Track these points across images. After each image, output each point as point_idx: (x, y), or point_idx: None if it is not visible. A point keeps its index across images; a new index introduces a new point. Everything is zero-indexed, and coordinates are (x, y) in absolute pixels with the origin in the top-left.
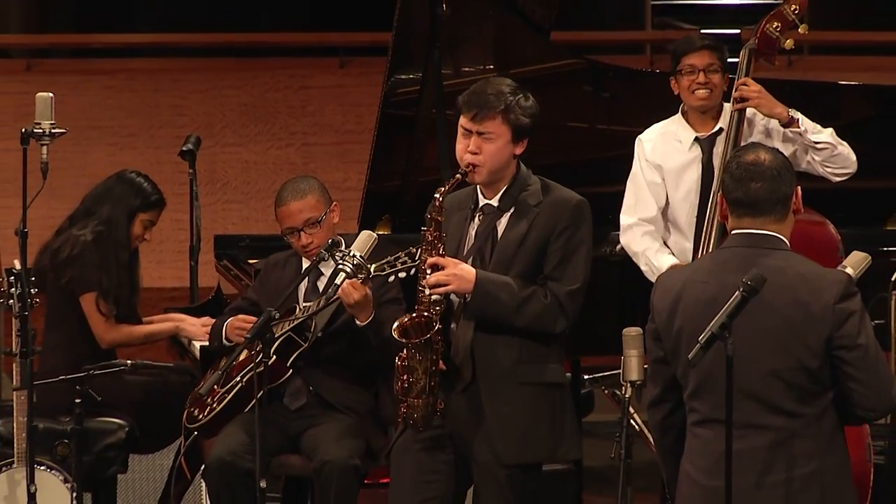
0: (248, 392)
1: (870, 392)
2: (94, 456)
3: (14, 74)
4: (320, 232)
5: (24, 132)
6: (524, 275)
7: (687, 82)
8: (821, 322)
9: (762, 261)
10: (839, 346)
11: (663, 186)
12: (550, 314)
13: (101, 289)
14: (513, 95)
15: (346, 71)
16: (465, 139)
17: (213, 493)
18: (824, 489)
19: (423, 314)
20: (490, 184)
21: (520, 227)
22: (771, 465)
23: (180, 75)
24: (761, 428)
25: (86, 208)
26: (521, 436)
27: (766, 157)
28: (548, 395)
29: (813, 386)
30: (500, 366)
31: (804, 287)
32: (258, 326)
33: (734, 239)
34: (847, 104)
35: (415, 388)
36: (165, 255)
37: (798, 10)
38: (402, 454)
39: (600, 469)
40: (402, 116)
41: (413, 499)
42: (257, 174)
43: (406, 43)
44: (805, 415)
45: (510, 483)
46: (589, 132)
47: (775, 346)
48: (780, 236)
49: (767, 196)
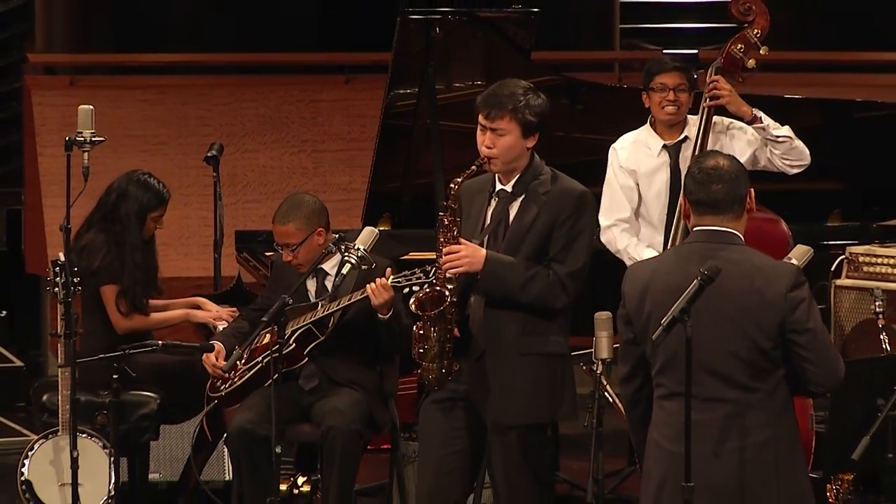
0: (267, 371)
1: (820, 370)
2: (130, 425)
3: (59, 89)
4: (302, 253)
5: (68, 140)
6: (531, 256)
7: (658, 99)
8: (774, 308)
9: (721, 254)
10: (791, 330)
11: (636, 189)
12: (553, 292)
13: (120, 285)
14: (523, 96)
15: (351, 86)
16: (482, 134)
17: (234, 457)
18: (777, 455)
19: (436, 289)
20: (505, 172)
21: (529, 213)
22: (729, 433)
23: (205, 90)
24: (721, 401)
25: (102, 215)
26: (525, 400)
27: (724, 162)
28: (549, 363)
29: (766, 364)
30: (505, 337)
31: (759, 277)
32: (274, 311)
33: (696, 235)
34: (793, 115)
35: (429, 353)
36: (192, 249)
37: (760, 34)
38: (429, 414)
39: (575, 436)
40: (400, 126)
41: (442, 451)
42: (273, 177)
43: (404, 62)
44: (759, 389)
45: (518, 443)
46: (565, 140)
47: (733, 329)
48: (736, 232)
49: (725, 197)
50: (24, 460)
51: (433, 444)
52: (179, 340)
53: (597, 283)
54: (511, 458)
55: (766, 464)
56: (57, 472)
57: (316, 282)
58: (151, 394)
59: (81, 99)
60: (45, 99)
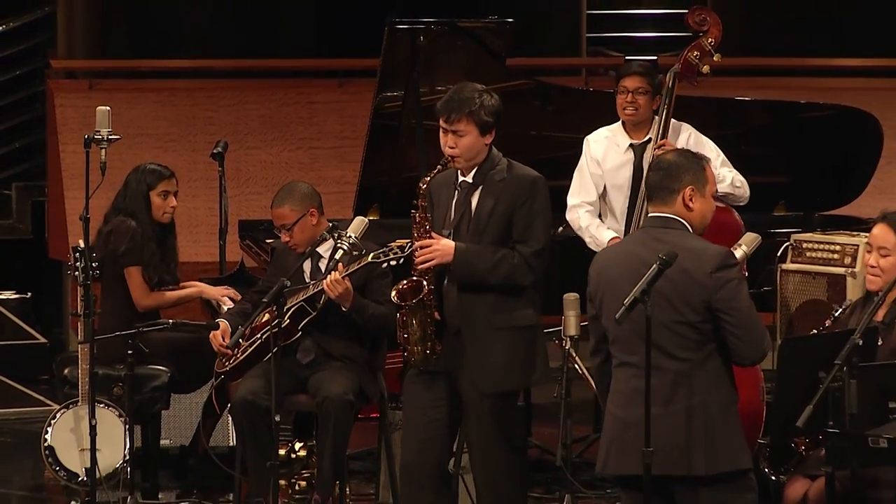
0: (267, 347)
1: (745, 344)
2: (143, 396)
3: (79, 92)
4: (297, 232)
5: (87, 138)
6: (496, 240)
7: (620, 100)
8: (700, 287)
9: (662, 237)
10: (717, 307)
11: (602, 178)
12: (520, 271)
13: (144, 264)
14: (478, 98)
15: (343, 89)
16: (444, 136)
17: (237, 425)
18: (707, 419)
19: (413, 280)
20: (468, 167)
21: (489, 202)
22: (665, 398)
23: (212, 93)
24: (658, 369)
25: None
26: (499, 370)
27: (669, 155)
28: (520, 335)
29: (696, 336)
30: (479, 315)
31: (689, 258)
32: (274, 293)
33: (647, 220)
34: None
35: (413, 338)
36: (200, 236)
37: (713, 42)
38: (411, 387)
39: (546, 405)
40: (388, 126)
41: (423, 419)
42: (273, 171)
43: (391, 67)
44: (690, 359)
45: (492, 411)
46: (537, 138)
47: (667, 304)
48: (678, 218)
49: (657, 185)
50: (47, 428)
51: (415, 413)
52: (188, 319)
53: (566, 266)
54: (486, 425)
55: (696, 426)
56: (77, 439)
57: (311, 264)
58: (163, 368)
59: (99, 101)
60: (67, 101)
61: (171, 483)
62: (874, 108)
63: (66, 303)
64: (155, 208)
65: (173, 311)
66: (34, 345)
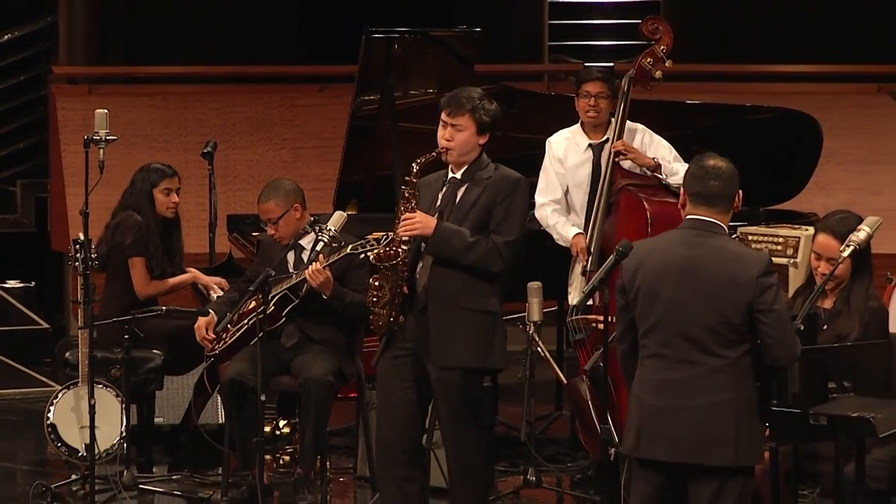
0: (253, 331)
1: (779, 346)
2: (139, 377)
3: (79, 96)
4: (282, 226)
5: (87, 139)
6: (474, 228)
7: (582, 104)
8: (745, 290)
9: (706, 241)
10: (759, 309)
11: (565, 177)
12: (491, 256)
13: (147, 255)
14: (480, 101)
15: (324, 94)
16: (443, 129)
17: (226, 404)
18: (736, 416)
19: (393, 246)
20: (457, 163)
21: (473, 194)
22: (696, 391)
23: (203, 97)
24: (691, 363)
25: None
26: (460, 346)
27: (722, 163)
28: (483, 319)
29: (733, 336)
30: (448, 292)
31: (736, 263)
32: (259, 282)
33: (688, 222)
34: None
35: (381, 300)
36: (191, 230)
37: (665, 50)
38: (384, 369)
39: (511, 385)
40: (365, 127)
41: (396, 399)
42: (259, 169)
43: (368, 73)
44: (725, 357)
45: (458, 390)
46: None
47: (709, 305)
48: (721, 223)
49: (721, 192)
50: (49, 407)
51: (388, 394)
52: (180, 306)
53: (530, 259)
54: (453, 403)
55: (725, 421)
56: (77, 417)
57: (294, 255)
58: (157, 351)
59: (98, 104)
60: (68, 104)
61: (164, 458)
62: (814, 110)
63: (67, 291)
64: (158, 204)
65: (167, 298)
66: (37, 330)
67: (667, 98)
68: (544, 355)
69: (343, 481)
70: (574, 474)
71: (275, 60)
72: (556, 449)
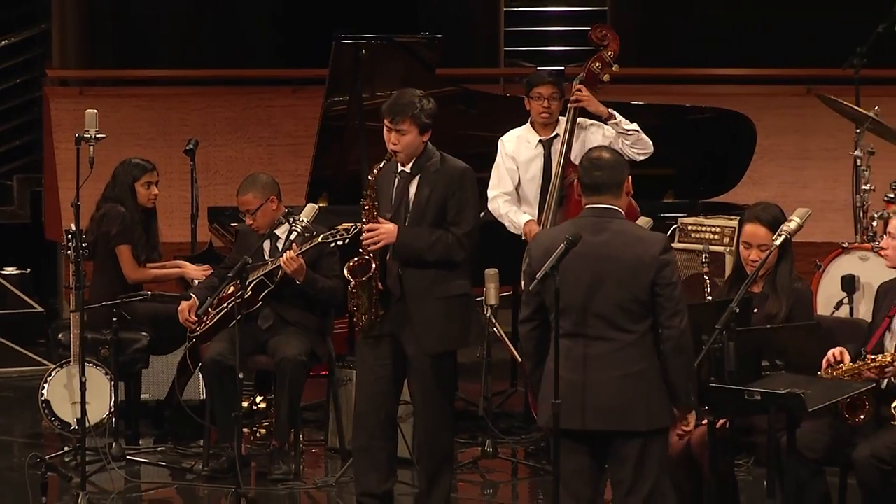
0: (232, 314)
1: (674, 316)
2: (126, 357)
3: (71, 97)
4: (260, 216)
5: (78, 137)
6: (434, 224)
7: (535, 105)
8: (649, 268)
9: (609, 226)
10: (659, 283)
11: (517, 172)
12: (454, 249)
13: (133, 243)
14: (419, 103)
15: (297, 95)
16: (388, 133)
17: (207, 381)
18: (648, 384)
19: (363, 258)
20: (406, 160)
21: (425, 191)
22: (613, 364)
23: (186, 98)
24: (605, 339)
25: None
26: (439, 333)
27: (606, 154)
28: (456, 302)
29: (641, 311)
30: (419, 287)
31: (639, 244)
32: (237, 269)
33: (588, 211)
34: (638, 117)
35: (361, 308)
36: (174, 221)
37: (613, 55)
38: (362, 349)
39: (469, 364)
40: (335, 126)
41: (372, 377)
42: (237, 165)
43: (338, 76)
44: (635, 331)
45: (432, 368)
46: (462, 136)
47: (618, 284)
48: (618, 208)
49: (606, 181)
50: (43, 384)
51: (366, 371)
52: (165, 292)
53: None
54: (426, 380)
55: (640, 390)
56: (69, 393)
57: (270, 244)
58: (143, 333)
59: (88, 105)
60: (60, 105)
61: (150, 431)
62: (749, 110)
63: (60, 277)
64: (140, 196)
65: (153, 284)
66: (33, 313)
67: (614, 99)
68: (500, 336)
69: (315, 452)
70: (528, 446)
71: (252, 65)
72: (512, 422)
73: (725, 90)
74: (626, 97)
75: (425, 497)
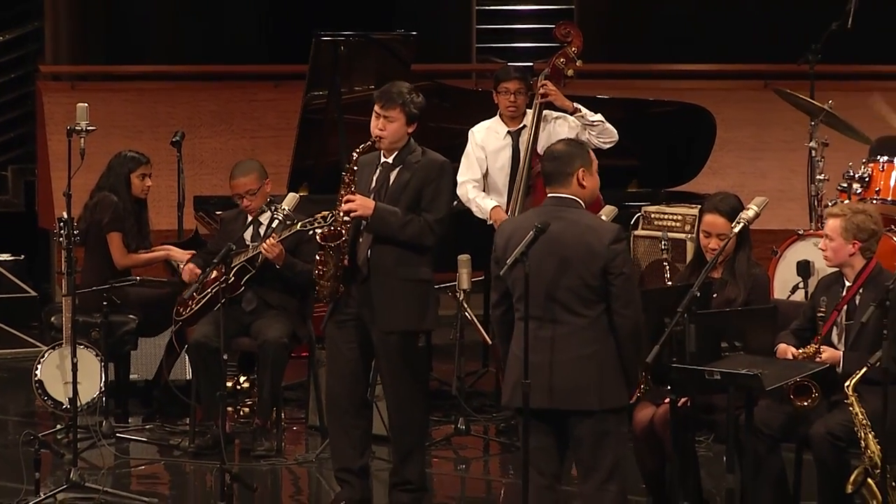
0: (216, 298)
1: (625, 304)
2: (116, 339)
3: (63, 92)
4: (256, 198)
5: (69, 129)
6: (407, 208)
7: (503, 99)
8: (599, 256)
9: (563, 215)
10: (610, 272)
11: (485, 161)
12: (424, 233)
13: (124, 230)
14: (409, 94)
15: (279, 89)
16: (376, 119)
17: (193, 363)
18: (601, 365)
19: (336, 227)
20: (389, 150)
21: (404, 177)
22: (566, 347)
23: (173, 92)
24: (560, 322)
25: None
26: (400, 312)
27: (559, 146)
28: (419, 286)
29: (593, 297)
30: (386, 266)
31: (590, 233)
32: (222, 255)
33: (548, 200)
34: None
35: (326, 274)
36: (162, 209)
37: (577, 51)
38: (331, 333)
39: (443, 346)
40: (315, 119)
41: (342, 359)
42: (222, 156)
43: (317, 71)
44: (587, 315)
45: (397, 349)
46: (437, 129)
47: (570, 270)
48: (575, 198)
49: (553, 171)
50: (37, 365)
51: (335, 354)
52: (152, 276)
53: (459, 235)
54: (393, 361)
55: (593, 371)
56: (62, 374)
57: (252, 230)
58: (132, 316)
59: (80, 98)
60: (53, 99)
61: (138, 410)
62: (709, 104)
63: (53, 263)
64: (134, 187)
65: (142, 269)
66: (26, 297)
67: (581, 94)
68: (472, 319)
69: (296, 430)
70: (499, 423)
71: (236, 60)
72: (483, 401)
73: (687, 85)
74: (592, 91)
75: (399, 473)
